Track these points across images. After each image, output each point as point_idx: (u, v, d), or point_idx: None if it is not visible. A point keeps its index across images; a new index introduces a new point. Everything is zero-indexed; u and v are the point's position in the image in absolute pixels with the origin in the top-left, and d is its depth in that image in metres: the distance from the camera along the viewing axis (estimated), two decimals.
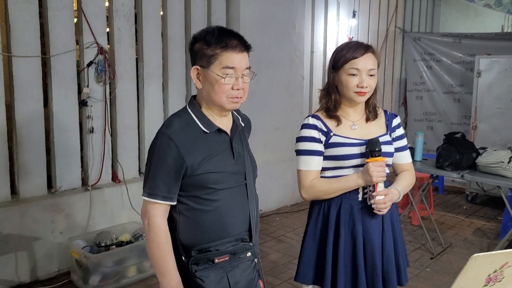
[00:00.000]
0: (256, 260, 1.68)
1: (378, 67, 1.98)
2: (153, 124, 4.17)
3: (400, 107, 7.58)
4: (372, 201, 1.89)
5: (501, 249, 4.00)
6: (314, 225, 2.02)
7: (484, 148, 4.13)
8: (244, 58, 1.60)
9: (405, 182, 2.04)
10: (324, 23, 5.90)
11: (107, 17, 3.77)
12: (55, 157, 3.57)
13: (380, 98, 7.14)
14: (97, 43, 3.64)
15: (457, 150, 4.02)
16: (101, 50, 3.66)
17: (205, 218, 1.61)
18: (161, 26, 4.16)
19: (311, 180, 1.95)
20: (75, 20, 3.62)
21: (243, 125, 1.78)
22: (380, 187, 1.85)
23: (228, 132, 1.68)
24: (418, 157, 4.27)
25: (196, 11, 4.37)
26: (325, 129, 1.97)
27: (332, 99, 1.99)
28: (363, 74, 1.90)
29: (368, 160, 1.86)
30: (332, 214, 1.96)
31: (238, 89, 1.59)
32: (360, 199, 1.95)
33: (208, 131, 1.62)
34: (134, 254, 3.47)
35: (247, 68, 1.61)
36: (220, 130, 1.65)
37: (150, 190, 1.58)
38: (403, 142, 2.09)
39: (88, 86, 3.65)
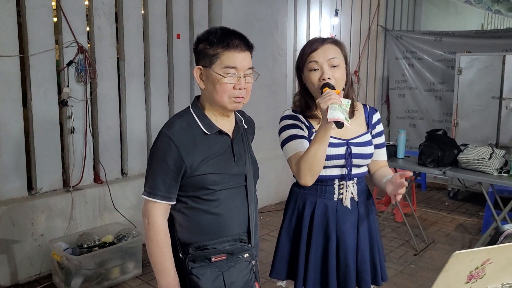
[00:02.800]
0: (253, 262, 1.68)
1: (346, 59, 1.89)
2: (135, 124, 4.13)
3: (382, 105, 7.64)
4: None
5: (482, 244, 4.06)
6: (289, 222, 2.02)
7: (465, 145, 4.19)
8: (247, 58, 1.60)
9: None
10: (306, 21, 5.92)
11: (87, 15, 3.72)
12: (35, 158, 3.51)
13: (363, 96, 7.19)
14: (77, 42, 3.59)
15: (439, 147, 4.07)
16: (81, 49, 3.60)
17: (203, 217, 1.62)
18: (142, 24, 4.11)
19: (296, 161, 1.82)
20: (55, 19, 3.56)
21: (245, 127, 1.78)
22: (332, 108, 1.63)
23: (230, 133, 1.68)
24: (401, 154, 4.30)
25: (178, 10, 4.33)
26: (307, 124, 1.93)
27: (303, 101, 1.95)
28: (324, 66, 1.82)
29: None
30: (307, 212, 1.95)
31: (240, 89, 1.59)
32: (335, 199, 1.93)
33: (209, 133, 1.62)
34: (117, 255, 3.43)
35: (249, 68, 1.61)
36: (221, 132, 1.65)
37: (150, 189, 1.59)
38: (382, 139, 2.04)
39: (68, 86, 3.60)
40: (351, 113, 1.93)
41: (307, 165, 1.76)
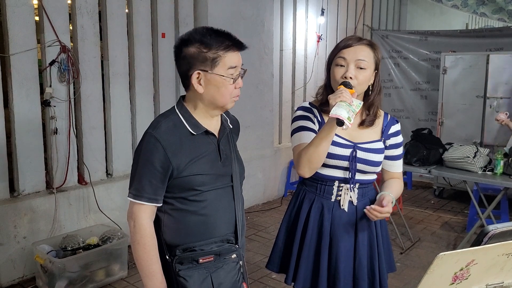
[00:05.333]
0: (241, 262, 1.67)
1: (377, 65, 1.86)
2: (119, 124, 4.09)
3: None
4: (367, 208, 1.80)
5: (468, 242, 4.09)
6: (289, 216, 2.03)
7: (450, 144, 4.22)
8: (240, 57, 1.61)
9: (396, 188, 1.95)
10: (293, 20, 5.91)
11: (69, 14, 3.66)
12: (18, 160, 3.45)
13: None
14: (59, 41, 3.53)
15: (424, 146, 4.09)
16: (64, 49, 3.55)
17: (190, 219, 1.60)
18: (127, 23, 4.06)
19: (298, 152, 1.83)
20: (36, 17, 3.50)
21: (231, 126, 1.77)
22: (339, 105, 1.63)
23: (216, 133, 1.67)
24: None
25: (163, 8, 4.29)
26: (319, 119, 1.93)
27: (324, 94, 1.91)
28: (350, 64, 1.80)
29: None
30: (304, 209, 1.96)
31: (239, 88, 1.60)
32: (333, 199, 1.92)
33: (195, 133, 1.60)
34: (102, 257, 3.39)
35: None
36: (207, 132, 1.63)
37: (136, 191, 1.56)
38: (398, 151, 2.00)
39: (51, 86, 3.54)
40: (372, 121, 1.93)
41: (307, 157, 1.78)
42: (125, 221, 1.62)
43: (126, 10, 4.07)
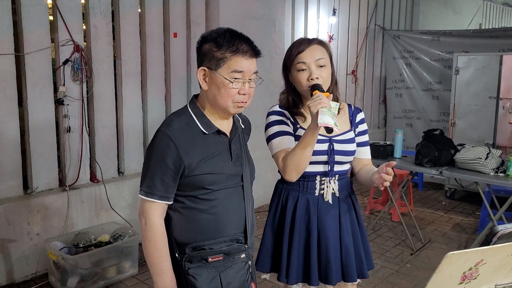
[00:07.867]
0: (250, 262, 1.68)
1: (331, 58, 1.95)
2: (131, 122, 4.12)
3: (380, 104, 7.64)
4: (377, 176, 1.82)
5: (479, 243, 4.06)
6: (273, 217, 2.07)
7: (462, 145, 4.18)
8: (253, 64, 1.60)
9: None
10: (304, 20, 5.91)
11: (83, 14, 3.70)
12: (31, 157, 3.50)
13: (361, 96, 7.20)
14: (73, 40, 3.57)
15: (435, 147, 4.07)
16: (77, 48, 3.59)
17: (201, 217, 1.61)
18: (139, 23, 4.10)
19: (283, 158, 1.89)
20: (50, 17, 3.55)
21: (243, 127, 1.78)
22: (322, 112, 1.68)
23: (228, 133, 1.68)
24: (398, 154, 4.30)
25: (175, 8, 4.32)
26: (292, 120, 1.99)
27: (290, 100, 2.00)
28: (311, 66, 1.88)
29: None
30: (289, 207, 2.00)
31: (244, 94, 1.59)
32: (316, 194, 1.98)
33: (207, 132, 1.61)
34: (113, 254, 3.42)
35: (254, 73, 1.61)
36: (219, 132, 1.64)
37: (148, 188, 1.57)
38: (365, 137, 2.09)
39: (64, 85, 3.58)
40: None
41: (294, 163, 1.84)
42: (136, 219, 1.65)
43: (139, 10, 4.11)
